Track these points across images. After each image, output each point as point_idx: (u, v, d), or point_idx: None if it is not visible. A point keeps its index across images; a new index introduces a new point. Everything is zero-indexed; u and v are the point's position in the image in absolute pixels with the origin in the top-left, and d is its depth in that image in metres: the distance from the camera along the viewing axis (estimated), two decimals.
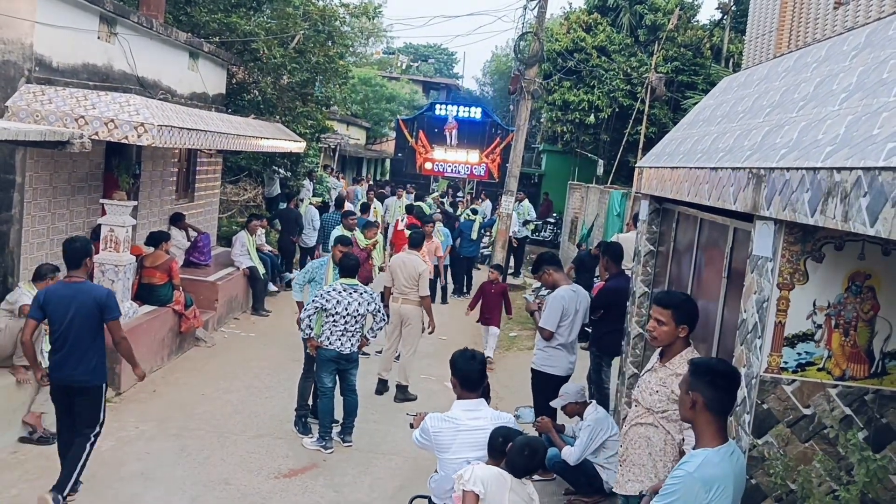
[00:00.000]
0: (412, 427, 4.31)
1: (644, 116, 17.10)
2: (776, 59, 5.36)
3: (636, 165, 6.86)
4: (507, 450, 3.79)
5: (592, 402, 6.02)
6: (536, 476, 5.41)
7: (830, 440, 3.67)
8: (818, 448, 3.69)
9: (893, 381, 3.71)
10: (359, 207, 15.32)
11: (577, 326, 6.50)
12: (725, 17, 18.57)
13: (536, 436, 5.13)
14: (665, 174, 5.47)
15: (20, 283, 6.78)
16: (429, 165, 25.15)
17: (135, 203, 8.44)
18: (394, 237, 13.87)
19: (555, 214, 24.51)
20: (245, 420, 7.18)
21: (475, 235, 14.87)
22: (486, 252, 17.04)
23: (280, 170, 15.98)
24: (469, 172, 25.22)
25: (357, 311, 6.61)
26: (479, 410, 4.07)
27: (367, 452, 6.73)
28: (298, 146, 13.12)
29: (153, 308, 8.51)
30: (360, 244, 10.59)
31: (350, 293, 6.63)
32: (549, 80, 21.23)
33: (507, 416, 4.17)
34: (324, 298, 6.58)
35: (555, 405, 6.13)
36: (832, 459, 3.66)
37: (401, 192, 18.15)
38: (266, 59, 13.42)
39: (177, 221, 10.81)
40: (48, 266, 6.64)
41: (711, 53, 20.65)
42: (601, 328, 7.02)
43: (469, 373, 4.09)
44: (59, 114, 6.91)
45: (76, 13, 7.84)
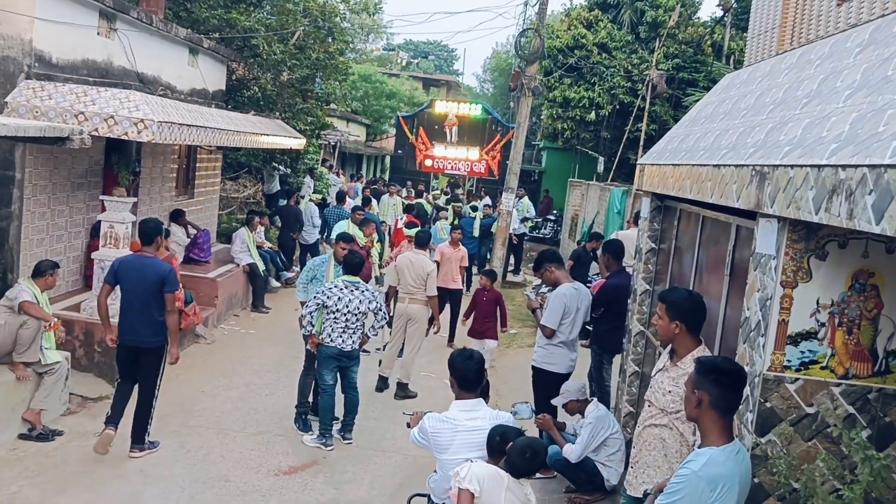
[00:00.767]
0: (409, 426, 4.30)
1: (645, 113, 17.09)
2: (779, 56, 5.34)
3: (637, 162, 6.84)
4: (508, 450, 3.77)
5: (593, 400, 6.01)
6: (538, 474, 5.39)
7: (834, 439, 3.65)
8: (821, 447, 3.67)
9: None
10: (360, 202, 15.28)
11: (579, 324, 6.48)
12: (726, 15, 18.54)
13: (537, 436, 5.11)
14: (667, 171, 5.45)
15: (20, 280, 6.76)
16: (429, 162, 25.07)
17: (134, 199, 8.42)
18: (394, 236, 13.85)
19: (555, 212, 24.49)
20: (245, 417, 7.17)
21: (476, 233, 14.82)
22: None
23: (280, 166, 15.95)
24: (469, 169, 25.17)
25: (358, 309, 6.59)
26: (478, 411, 4.05)
27: (368, 450, 6.71)
28: (298, 143, 13.11)
29: None
30: (360, 242, 10.57)
31: (352, 290, 6.61)
32: (550, 77, 21.19)
33: (506, 416, 4.14)
34: (325, 295, 6.56)
35: (556, 403, 6.12)
36: (835, 458, 3.64)
37: (393, 190, 17.97)
38: (266, 56, 13.38)
39: (177, 218, 10.80)
40: (48, 262, 6.63)
41: (712, 51, 20.61)
42: (602, 326, 7.00)
43: (466, 372, 4.07)
44: (59, 110, 6.89)
45: (76, 9, 7.82)
